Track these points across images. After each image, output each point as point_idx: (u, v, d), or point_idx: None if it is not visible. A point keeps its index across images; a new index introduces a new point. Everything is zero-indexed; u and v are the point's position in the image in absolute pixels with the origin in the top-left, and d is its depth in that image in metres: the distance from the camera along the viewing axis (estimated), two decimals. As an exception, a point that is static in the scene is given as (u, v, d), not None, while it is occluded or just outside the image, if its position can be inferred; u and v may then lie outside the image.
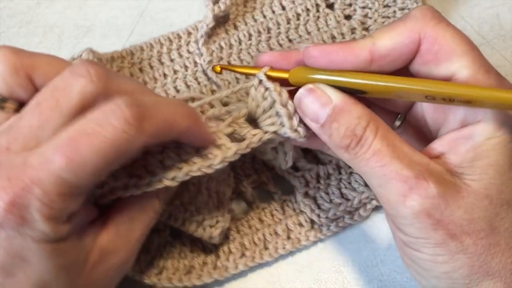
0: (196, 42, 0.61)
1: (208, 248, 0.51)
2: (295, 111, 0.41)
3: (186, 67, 0.60)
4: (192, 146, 0.42)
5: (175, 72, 0.60)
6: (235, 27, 0.61)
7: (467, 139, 0.38)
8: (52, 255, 0.35)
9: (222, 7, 0.59)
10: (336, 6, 0.62)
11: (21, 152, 0.36)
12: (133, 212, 0.41)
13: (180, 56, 0.61)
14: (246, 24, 0.61)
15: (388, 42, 0.39)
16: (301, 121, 0.41)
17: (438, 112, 0.41)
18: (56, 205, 0.34)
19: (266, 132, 0.42)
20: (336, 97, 0.39)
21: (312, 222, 0.52)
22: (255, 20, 0.61)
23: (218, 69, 0.47)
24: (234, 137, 0.43)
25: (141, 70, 0.60)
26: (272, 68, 0.43)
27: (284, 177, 0.54)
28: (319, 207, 0.52)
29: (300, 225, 0.52)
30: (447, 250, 0.37)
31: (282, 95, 0.41)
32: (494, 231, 0.37)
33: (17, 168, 0.35)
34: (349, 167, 0.53)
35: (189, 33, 0.62)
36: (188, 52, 0.61)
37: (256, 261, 0.50)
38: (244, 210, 0.54)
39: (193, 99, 0.56)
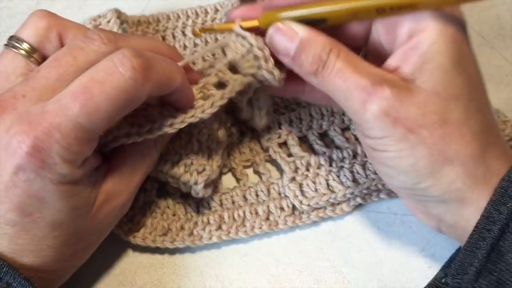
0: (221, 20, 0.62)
1: (189, 214, 0.53)
2: (270, 55, 0.45)
3: (206, 42, 0.62)
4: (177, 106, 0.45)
5: (195, 45, 0.61)
6: (260, 10, 0.62)
7: (414, 49, 0.41)
8: (66, 196, 0.39)
9: (249, -13, 0.60)
10: None
11: (38, 101, 0.39)
12: (134, 159, 0.46)
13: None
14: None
15: None
16: (276, 63, 0.45)
17: (389, 33, 0.44)
18: (74, 149, 0.38)
19: (245, 75, 0.46)
20: (302, 30, 0.43)
21: (294, 208, 0.53)
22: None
23: (198, 32, 0.51)
24: (219, 84, 0.47)
25: (163, 38, 0.62)
26: (244, 19, 0.47)
27: (276, 161, 0.55)
28: (303, 194, 0.52)
29: (282, 209, 0.53)
30: (408, 144, 0.41)
31: (258, 40, 0.45)
32: (446, 122, 0.41)
33: (36, 114, 0.38)
34: (341, 160, 0.54)
35: (217, 10, 0.63)
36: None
37: (230, 236, 0.52)
38: (232, 186, 0.55)
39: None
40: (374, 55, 0.48)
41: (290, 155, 0.55)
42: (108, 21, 0.58)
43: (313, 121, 0.56)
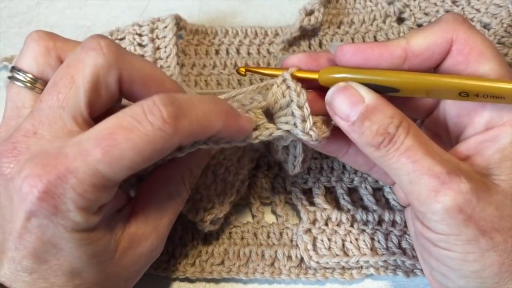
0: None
1: (196, 241, 0.51)
2: (310, 114, 0.40)
3: (258, 65, 0.60)
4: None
5: (246, 66, 0.59)
6: (320, 45, 0.60)
7: (493, 142, 0.39)
8: (82, 244, 0.36)
9: (312, 20, 0.57)
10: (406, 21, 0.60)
11: (53, 139, 0.37)
12: (161, 198, 0.42)
13: (258, 53, 0.60)
14: (332, 45, 0.59)
15: (422, 41, 0.40)
16: (314, 124, 0.41)
17: (462, 116, 0.41)
18: (90, 196, 0.35)
19: (278, 129, 0.42)
20: (369, 96, 0.39)
21: (302, 260, 0.50)
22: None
23: (243, 70, 0.46)
24: None
25: (217, 52, 0.61)
26: (300, 69, 0.42)
27: (296, 206, 0.52)
28: (314, 249, 0.49)
29: (289, 257, 0.50)
30: (478, 247, 0.37)
31: (301, 96, 0.41)
32: None
33: (52, 156, 0.35)
34: (364, 223, 0.50)
35: (277, 34, 0.61)
36: (268, 52, 0.60)
37: (231, 274, 0.50)
38: (245, 220, 0.53)
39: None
40: (430, 132, 0.45)
41: (312, 203, 0.52)
42: (165, 27, 0.57)
43: (345, 173, 0.53)
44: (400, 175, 0.38)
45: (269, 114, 0.43)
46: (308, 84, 0.42)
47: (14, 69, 0.42)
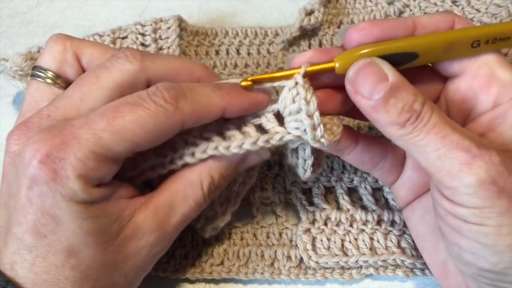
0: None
1: (195, 241, 0.51)
2: (320, 123, 0.40)
3: (258, 65, 0.60)
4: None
5: (246, 66, 0.60)
6: (320, 45, 0.60)
7: (503, 118, 0.39)
8: (79, 217, 0.37)
9: (312, 20, 0.57)
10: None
11: (63, 119, 0.39)
12: (175, 198, 0.42)
13: (258, 53, 0.61)
14: (332, 45, 0.59)
15: (428, 18, 0.42)
16: (325, 129, 0.41)
17: (467, 100, 0.42)
18: (90, 163, 0.36)
19: (289, 133, 0.42)
20: (392, 73, 0.39)
21: (301, 260, 0.50)
22: (343, 45, 0.59)
23: (249, 82, 0.42)
24: (260, 128, 0.43)
25: (217, 52, 0.61)
26: (313, 64, 0.41)
27: (296, 206, 0.52)
28: (314, 249, 0.49)
29: (289, 258, 0.50)
30: (511, 219, 0.36)
31: (311, 104, 0.40)
32: None
33: (59, 126, 0.37)
34: (363, 223, 0.50)
35: (276, 34, 0.61)
36: (268, 52, 0.60)
37: (231, 274, 0.50)
38: (245, 220, 0.53)
39: None
40: None
41: (312, 203, 0.52)
42: (169, 28, 0.57)
43: (345, 173, 0.53)
44: (428, 152, 0.38)
45: (279, 117, 0.43)
46: (322, 81, 0.42)
47: (35, 68, 0.44)
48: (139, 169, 0.43)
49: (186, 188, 0.42)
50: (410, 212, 0.47)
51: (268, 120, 0.43)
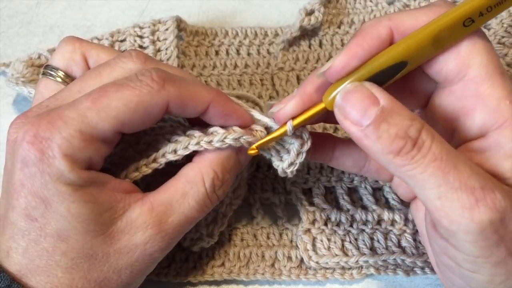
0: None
1: None
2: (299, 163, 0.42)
3: (258, 65, 0.60)
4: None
5: (246, 66, 0.60)
6: (320, 45, 0.60)
7: (496, 149, 0.36)
8: (68, 198, 0.37)
9: (313, 20, 0.57)
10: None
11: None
12: (174, 195, 0.41)
13: (258, 53, 0.60)
14: (332, 45, 0.59)
15: (408, 20, 0.38)
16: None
17: (451, 119, 0.39)
18: (75, 143, 0.37)
19: (269, 149, 0.43)
20: (384, 97, 0.35)
21: (302, 261, 0.50)
22: (343, 45, 0.59)
23: (254, 151, 0.42)
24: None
25: (217, 53, 0.61)
26: (297, 116, 0.40)
27: (296, 206, 0.52)
28: (314, 249, 0.49)
29: (289, 258, 0.50)
30: (506, 269, 0.34)
31: (304, 147, 0.42)
32: None
33: (51, 111, 0.38)
34: (363, 223, 0.50)
35: (276, 34, 0.61)
36: (268, 52, 0.60)
37: (232, 275, 0.50)
38: (245, 221, 0.53)
39: (246, 99, 0.56)
40: None
41: (312, 203, 0.52)
42: (167, 29, 0.57)
43: (345, 173, 0.53)
44: (427, 189, 0.34)
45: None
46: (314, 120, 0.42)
47: (46, 67, 0.45)
48: (124, 173, 0.42)
49: (185, 186, 0.41)
50: (414, 209, 0.46)
51: (256, 126, 0.43)
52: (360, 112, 0.35)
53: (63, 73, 0.45)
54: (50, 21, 0.64)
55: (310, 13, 0.58)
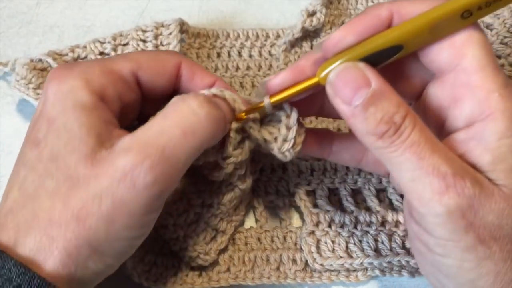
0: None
1: None
2: (293, 137, 0.42)
3: (260, 67, 0.60)
4: None
5: (248, 68, 0.60)
6: (322, 46, 0.59)
7: (478, 141, 0.37)
8: (68, 114, 0.38)
9: (314, 21, 0.57)
10: None
11: None
12: (161, 125, 0.38)
13: (260, 55, 0.60)
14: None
15: (409, 7, 0.38)
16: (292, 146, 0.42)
17: (441, 109, 0.40)
18: (94, 69, 0.40)
19: (260, 131, 0.43)
20: (376, 80, 0.37)
21: (307, 263, 0.50)
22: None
23: (243, 115, 0.42)
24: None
25: (219, 55, 0.61)
26: (289, 87, 0.41)
27: (300, 209, 0.52)
28: (318, 251, 0.50)
29: (294, 261, 0.50)
30: (475, 256, 0.35)
31: (291, 119, 0.42)
32: None
33: None
34: (367, 225, 0.50)
35: (278, 36, 0.61)
36: (269, 54, 0.60)
37: (237, 280, 0.50)
38: (248, 226, 0.53)
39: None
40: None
41: (316, 205, 0.52)
42: (170, 33, 0.57)
43: (348, 174, 0.53)
44: (402, 171, 0.36)
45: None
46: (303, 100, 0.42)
47: None
48: None
49: (171, 113, 0.39)
50: (406, 210, 0.46)
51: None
52: (351, 92, 0.37)
53: None
54: (50, 21, 0.64)
55: (312, 14, 0.58)
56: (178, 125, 0.37)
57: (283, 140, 0.42)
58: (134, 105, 0.44)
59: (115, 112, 0.41)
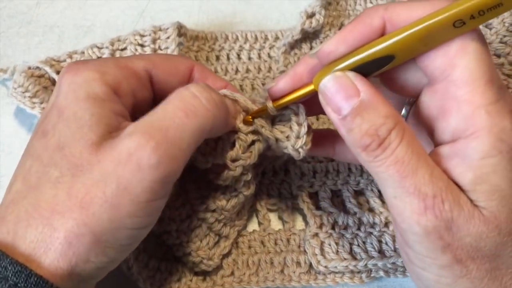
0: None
1: None
2: (305, 133, 0.42)
3: (259, 70, 0.59)
4: None
5: (247, 71, 0.60)
6: (321, 46, 0.59)
7: (462, 158, 0.36)
8: (79, 103, 0.38)
9: (314, 23, 0.57)
10: None
11: None
12: (165, 111, 0.38)
13: (259, 57, 0.60)
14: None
15: (404, 12, 0.37)
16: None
17: (431, 119, 0.39)
18: (108, 63, 0.41)
19: (271, 131, 0.44)
20: (366, 90, 0.37)
21: (311, 266, 0.50)
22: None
23: (249, 118, 0.44)
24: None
25: (218, 58, 0.61)
26: (288, 93, 0.42)
27: (303, 211, 0.52)
28: (322, 254, 0.50)
29: (298, 264, 0.50)
30: (452, 274, 0.36)
31: (300, 116, 0.43)
32: (497, 258, 0.36)
33: None
34: (371, 226, 0.50)
35: (277, 38, 0.61)
36: (269, 56, 0.60)
37: (242, 284, 0.50)
38: (251, 229, 0.53)
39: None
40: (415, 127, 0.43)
41: (319, 207, 0.52)
42: (168, 37, 0.57)
43: (351, 176, 0.53)
44: (385, 187, 0.37)
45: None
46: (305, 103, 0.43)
47: None
48: None
49: (186, 107, 0.39)
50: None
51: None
52: (340, 101, 0.37)
53: None
54: (50, 21, 0.64)
55: (311, 15, 0.58)
56: (180, 108, 0.38)
57: (296, 137, 0.42)
58: (146, 104, 0.43)
59: (128, 107, 0.41)
